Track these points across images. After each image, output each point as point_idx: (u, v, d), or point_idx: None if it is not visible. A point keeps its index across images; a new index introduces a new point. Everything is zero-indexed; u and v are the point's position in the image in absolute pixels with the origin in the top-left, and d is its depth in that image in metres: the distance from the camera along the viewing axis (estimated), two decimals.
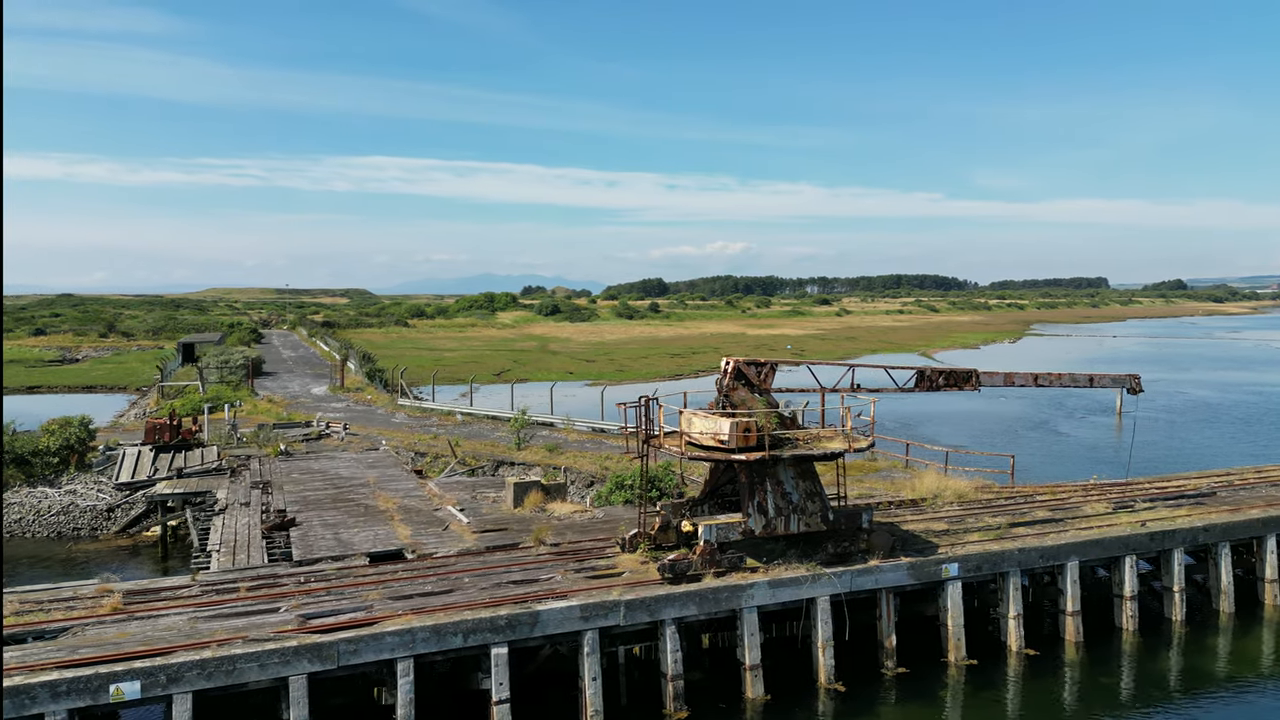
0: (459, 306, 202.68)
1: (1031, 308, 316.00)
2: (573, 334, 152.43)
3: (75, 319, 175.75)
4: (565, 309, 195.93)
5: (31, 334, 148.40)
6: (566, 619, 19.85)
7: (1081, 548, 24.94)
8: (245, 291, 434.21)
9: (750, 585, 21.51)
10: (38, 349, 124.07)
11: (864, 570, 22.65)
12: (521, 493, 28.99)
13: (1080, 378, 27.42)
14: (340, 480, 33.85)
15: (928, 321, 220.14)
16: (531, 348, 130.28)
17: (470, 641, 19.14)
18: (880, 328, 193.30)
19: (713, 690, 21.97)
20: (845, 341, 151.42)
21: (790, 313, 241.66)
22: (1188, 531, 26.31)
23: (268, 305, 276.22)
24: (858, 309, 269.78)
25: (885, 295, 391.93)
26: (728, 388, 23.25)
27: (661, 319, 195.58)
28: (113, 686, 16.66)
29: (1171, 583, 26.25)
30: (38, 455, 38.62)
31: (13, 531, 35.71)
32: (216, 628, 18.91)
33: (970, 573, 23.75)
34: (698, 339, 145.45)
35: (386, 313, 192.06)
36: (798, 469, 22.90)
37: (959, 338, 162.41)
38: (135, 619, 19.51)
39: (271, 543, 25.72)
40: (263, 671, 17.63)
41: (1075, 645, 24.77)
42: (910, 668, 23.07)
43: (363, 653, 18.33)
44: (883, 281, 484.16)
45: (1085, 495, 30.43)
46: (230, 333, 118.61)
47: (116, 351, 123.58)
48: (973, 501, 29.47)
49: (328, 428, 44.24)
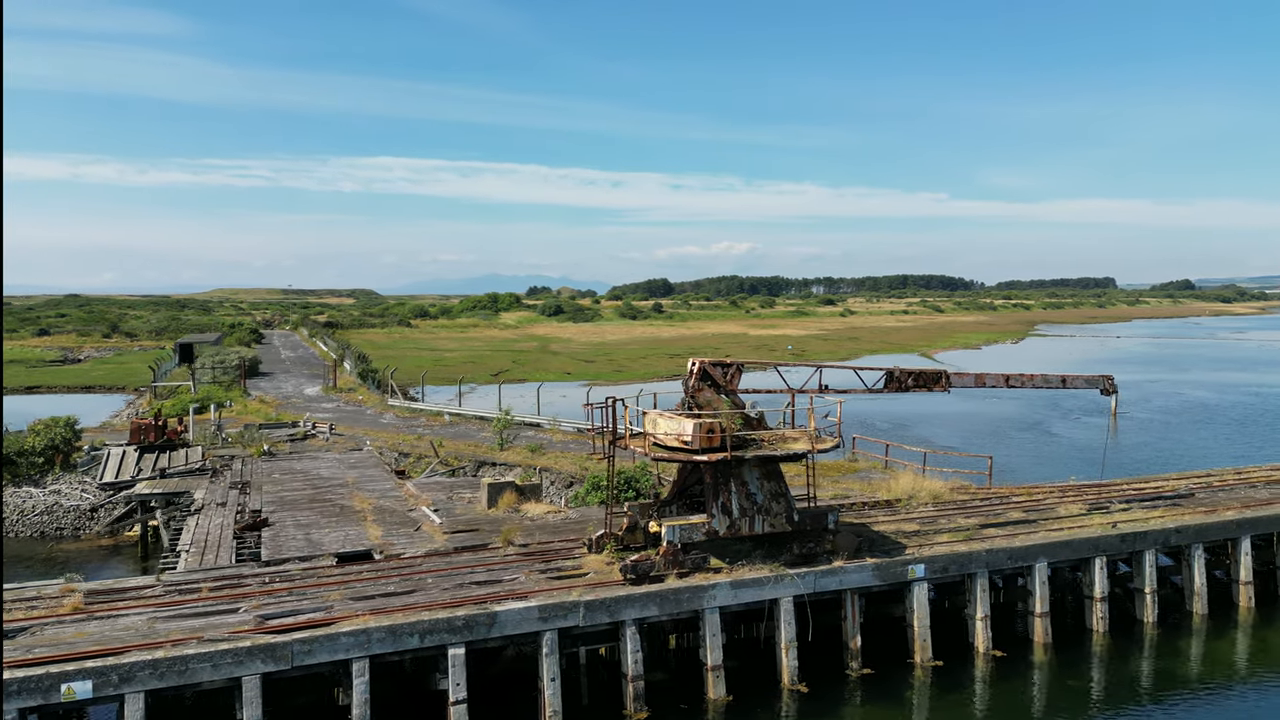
0: (463, 307, 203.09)
1: (1037, 308, 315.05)
2: (574, 334, 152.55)
3: (80, 319, 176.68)
4: (569, 309, 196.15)
5: (35, 334, 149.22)
6: (524, 620, 19.87)
7: (1050, 549, 24.86)
8: (252, 292, 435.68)
9: (712, 586, 21.50)
10: (39, 349, 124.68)
11: (828, 571, 22.62)
12: (495, 493, 29.02)
13: (1052, 378, 27.34)
14: (320, 481, 33.95)
15: (932, 322, 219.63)
16: (532, 348, 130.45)
17: (427, 642, 19.17)
18: (884, 328, 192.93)
19: (675, 691, 21.96)
20: (847, 342, 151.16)
21: (794, 313, 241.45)
22: (1159, 533, 26.19)
23: (273, 306, 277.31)
24: (862, 309, 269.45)
25: (891, 296, 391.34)
26: (693, 389, 23.25)
27: (664, 319, 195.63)
28: (64, 686, 16.74)
29: (1143, 584, 26.15)
30: (23, 455, 38.81)
31: None
32: (174, 628, 18.98)
33: (937, 574, 23.69)
34: (699, 339, 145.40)
35: (390, 313, 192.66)
36: (763, 470, 22.88)
37: (961, 338, 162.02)
38: (95, 619, 19.60)
39: (242, 543, 25.80)
40: (216, 671, 17.69)
41: (1044, 647, 24.69)
42: (875, 669, 23.03)
43: (317, 653, 18.38)
44: (888, 282, 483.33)
45: (1061, 496, 30.34)
46: (230, 333, 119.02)
47: (118, 352, 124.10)
48: (947, 502, 29.40)
49: (314, 428, 44.37)
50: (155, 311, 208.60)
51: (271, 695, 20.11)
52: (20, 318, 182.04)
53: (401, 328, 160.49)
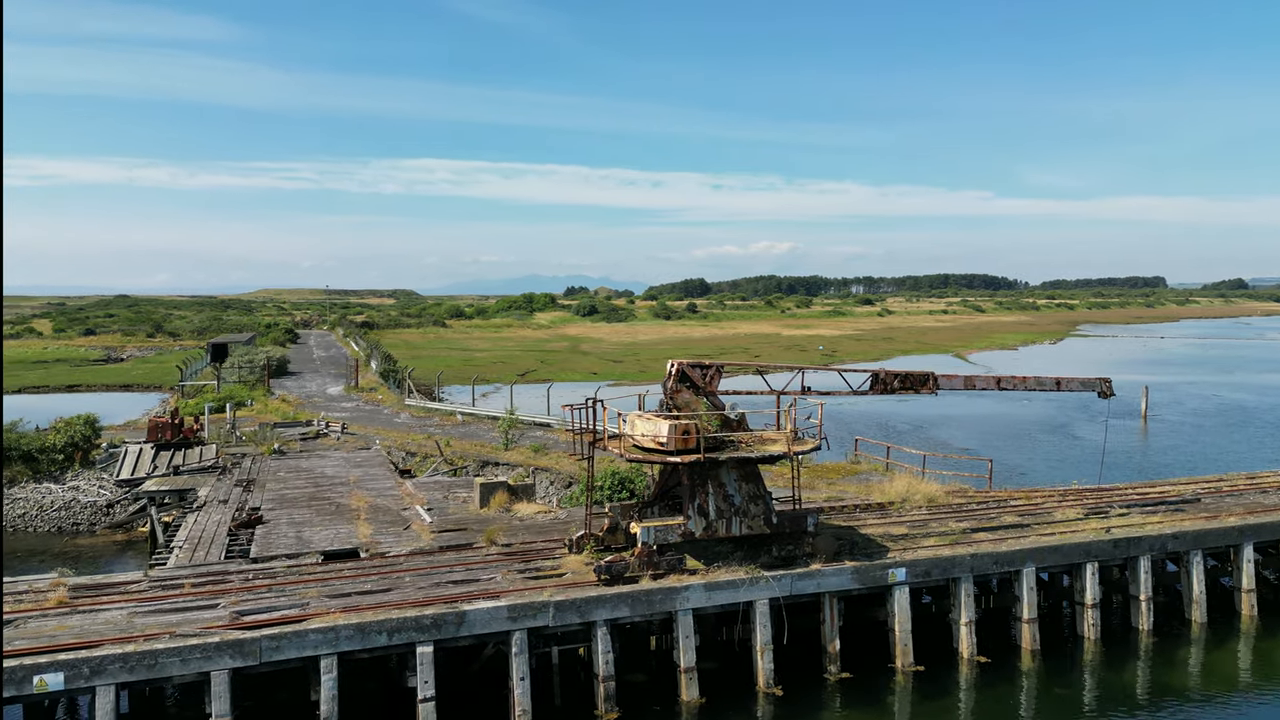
0: (498, 307, 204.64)
1: (1082, 308, 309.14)
2: (606, 334, 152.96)
3: (127, 319, 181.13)
4: (603, 309, 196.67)
5: (82, 334, 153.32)
6: (493, 619, 20.03)
7: (1039, 554, 24.45)
8: (295, 292, 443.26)
9: (685, 588, 21.49)
10: (84, 348, 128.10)
11: (805, 574, 22.47)
12: (488, 493, 29.27)
13: (1046, 381, 26.88)
14: (323, 479, 34.49)
15: (970, 322, 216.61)
16: (563, 348, 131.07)
17: (395, 640, 19.41)
18: (920, 328, 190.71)
19: (649, 692, 21.99)
20: (881, 342, 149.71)
21: (831, 313, 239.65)
22: (1155, 539, 25.63)
23: (315, 306, 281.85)
24: (901, 309, 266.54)
25: (931, 295, 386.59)
26: (671, 390, 23.24)
27: (698, 319, 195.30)
28: (36, 678, 17.22)
29: (1138, 591, 25.61)
30: (44, 452, 39.98)
31: (16, 526, 37.01)
32: (151, 623, 19.42)
33: (919, 578, 23.42)
34: (730, 339, 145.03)
35: (426, 314, 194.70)
36: (741, 471, 22.81)
37: (998, 339, 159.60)
38: (78, 612, 20.13)
39: (235, 540, 26.30)
40: (185, 666, 18.08)
41: (1031, 653, 24.29)
42: (855, 673, 22.83)
43: (285, 649, 18.70)
44: (929, 281, 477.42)
45: (1060, 501, 29.81)
46: (266, 333, 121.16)
47: (159, 351, 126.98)
48: (941, 506, 29.04)
49: (327, 427, 45.07)
50: (199, 312, 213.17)
51: (250, 690, 20.63)
52: (71, 318, 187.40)
53: (436, 328, 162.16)
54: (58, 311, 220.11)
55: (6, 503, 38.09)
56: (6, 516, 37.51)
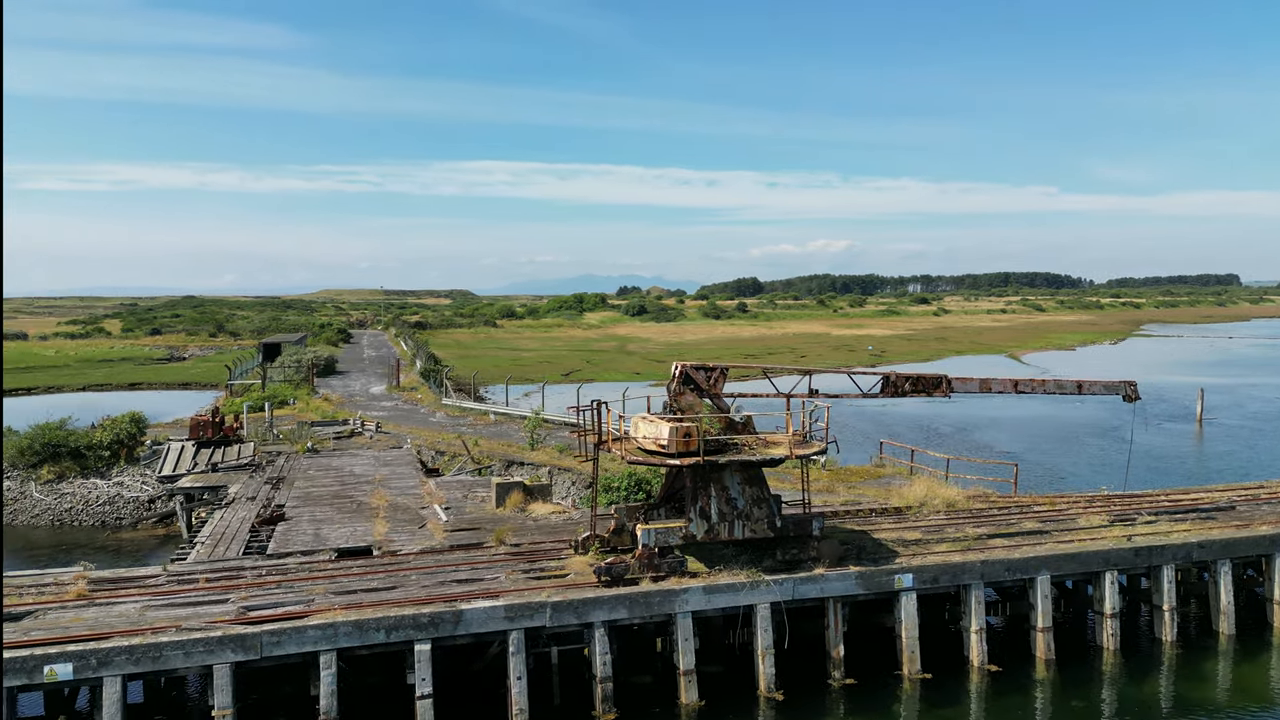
0: (549, 307, 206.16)
1: (1148, 307, 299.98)
2: (654, 334, 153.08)
3: (191, 319, 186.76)
4: (652, 309, 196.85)
5: (149, 333, 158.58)
6: (490, 618, 20.24)
7: (1054, 561, 23.87)
8: (355, 293, 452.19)
9: (684, 590, 21.46)
10: (148, 348, 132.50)
11: (808, 578, 22.27)
12: (503, 493, 29.57)
13: (1067, 384, 26.21)
14: (349, 477, 35.18)
15: (1029, 322, 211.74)
16: (610, 348, 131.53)
17: (393, 637, 19.74)
18: (975, 328, 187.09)
19: (650, 694, 22.01)
20: (933, 342, 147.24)
21: (885, 312, 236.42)
22: (1180, 548, 24.83)
23: (373, 306, 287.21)
24: (957, 308, 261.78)
25: (991, 294, 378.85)
26: (675, 392, 23.24)
27: (748, 319, 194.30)
28: (47, 668, 17.92)
29: (1162, 601, 24.83)
30: (91, 449, 41.44)
31: (63, 520, 38.45)
32: (161, 616, 20.06)
33: (926, 584, 23.04)
34: (778, 339, 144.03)
35: (479, 314, 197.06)
36: (744, 474, 22.70)
37: (1055, 339, 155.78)
38: (95, 605, 20.87)
39: (255, 536, 26.99)
40: (188, 659, 18.63)
41: (1046, 663, 23.72)
42: (859, 679, 22.55)
43: (285, 644, 19.15)
44: (989, 279, 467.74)
45: (1086, 507, 29.04)
46: (320, 333, 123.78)
47: (219, 351, 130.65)
48: (960, 511, 28.51)
49: (361, 426, 45.94)
50: (260, 312, 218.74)
51: (256, 684, 21.19)
52: (140, 318, 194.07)
53: (487, 328, 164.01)
54: (128, 312, 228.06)
55: (54, 497, 39.60)
56: (55, 510, 39.01)
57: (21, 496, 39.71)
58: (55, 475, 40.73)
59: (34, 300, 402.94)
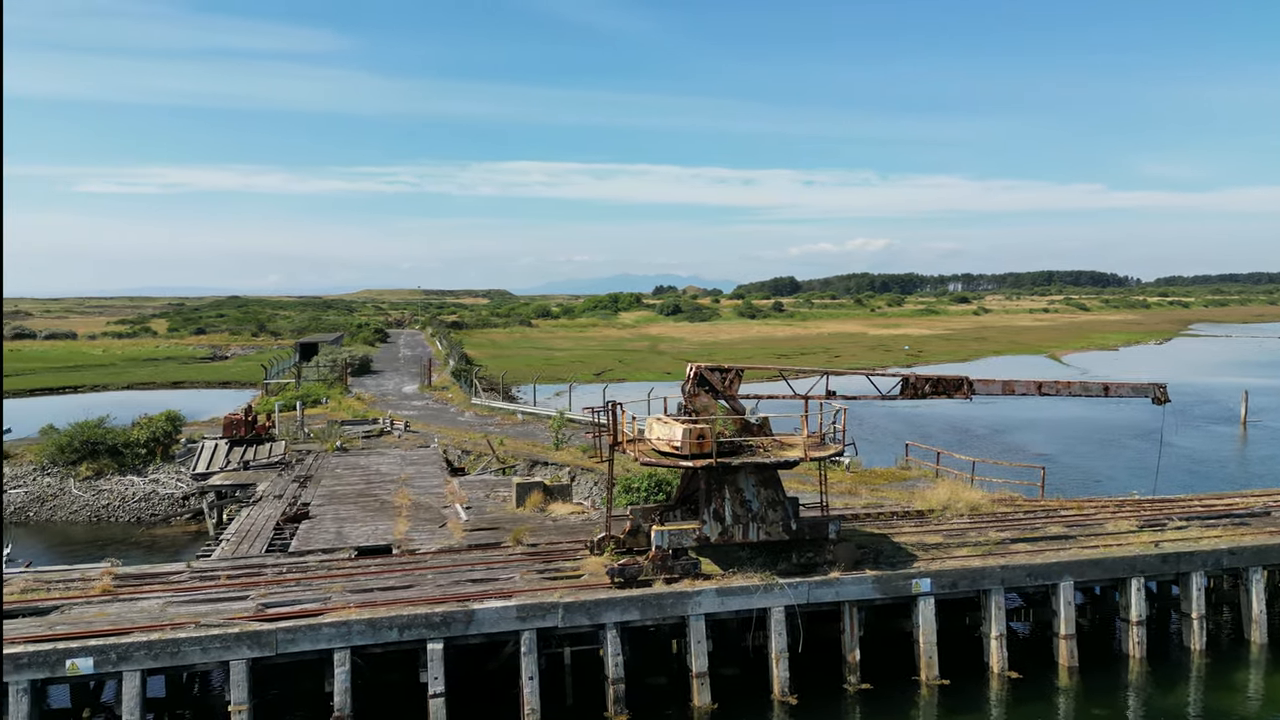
0: (584, 307, 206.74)
1: (1197, 305, 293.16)
2: (688, 334, 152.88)
3: (235, 319, 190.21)
4: (687, 309, 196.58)
5: (193, 333, 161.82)
6: (502, 618, 20.35)
7: (1077, 567, 23.42)
8: (395, 293, 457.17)
9: (697, 592, 21.40)
10: (192, 347, 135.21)
11: (823, 582, 22.09)
12: (524, 493, 29.71)
13: (1093, 386, 25.67)
14: (375, 476, 35.57)
15: (1071, 321, 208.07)
16: (642, 348, 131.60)
17: (406, 636, 19.93)
18: (1016, 328, 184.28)
19: (663, 695, 21.98)
20: (971, 342, 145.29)
21: (923, 312, 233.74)
22: (1210, 554, 24.23)
23: (412, 306, 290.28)
24: (998, 308, 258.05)
25: (1034, 293, 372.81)
26: (689, 393, 23.15)
27: (783, 319, 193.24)
28: (69, 661, 18.35)
29: (1190, 609, 24.25)
30: (129, 447, 42.36)
31: (101, 516, 39.36)
32: (182, 612, 20.44)
33: (945, 589, 22.73)
34: (813, 339, 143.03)
35: (515, 313, 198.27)
36: (759, 476, 22.57)
37: (1098, 339, 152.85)
38: (119, 600, 21.33)
39: (279, 534, 27.40)
40: (205, 655, 18.97)
41: (1069, 670, 23.27)
42: (875, 684, 22.32)
43: (300, 641, 19.41)
44: (1032, 278, 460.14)
45: (1115, 511, 28.45)
46: (358, 333, 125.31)
47: (259, 350, 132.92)
48: (984, 515, 28.09)
49: (391, 425, 46.44)
50: (302, 312, 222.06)
51: (276, 680, 21.53)
52: (186, 318, 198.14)
53: (522, 327, 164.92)
54: (175, 311, 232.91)
55: (92, 493, 40.54)
56: (93, 506, 39.95)
57: (61, 493, 40.72)
58: (94, 472, 41.69)
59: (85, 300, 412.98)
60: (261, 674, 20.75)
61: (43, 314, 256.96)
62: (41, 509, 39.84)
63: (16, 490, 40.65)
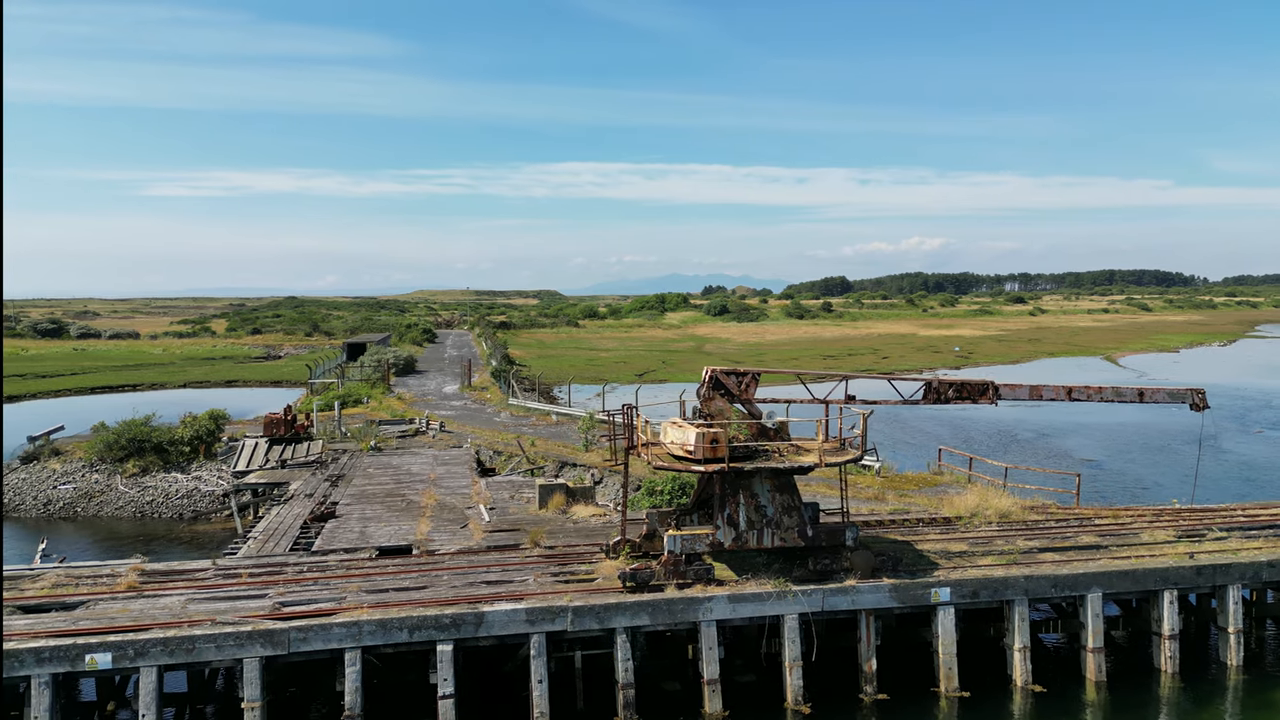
0: (631, 307, 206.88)
1: (1267, 306, 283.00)
2: (734, 334, 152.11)
3: (290, 319, 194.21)
4: (734, 309, 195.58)
5: (249, 333, 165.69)
6: (511, 621, 20.37)
7: (1106, 578, 22.68)
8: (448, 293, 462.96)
9: (709, 599, 21.19)
10: (247, 347, 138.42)
11: (838, 590, 21.71)
12: (546, 495, 29.76)
13: (1127, 392, 24.84)
14: (405, 476, 35.95)
15: (1132, 322, 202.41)
16: (687, 348, 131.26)
17: (416, 637, 20.06)
18: (1073, 329, 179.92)
19: (675, 702, 21.80)
20: (1025, 344, 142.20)
21: (977, 312, 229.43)
22: (1248, 566, 23.30)
23: (463, 306, 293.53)
24: (1055, 308, 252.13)
25: (1094, 293, 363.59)
26: (705, 397, 22.94)
27: (832, 319, 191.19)
28: (88, 656, 18.81)
29: (1227, 623, 23.34)
30: (174, 445, 43.44)
31: (145, 512, 40.41)
32: (202, 609, 20.85)
33: (965, 599, 22.18)
34: (861, 340, 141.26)
35: (562, 314, 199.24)
36: (775, 482, 22.27)
37: (1159, 340, 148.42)
38: (143, 597, 21.83)
39: (305, 533, 27.81)
40: (220, 652, 19.31)
41: (1096, 685, 22.56)
42: (892, 695, 21.89)
43: (311, 641, 19.65)
44: (1092, 278, 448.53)
45: (1153, 521, 27.51)
46: (407, 333, 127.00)
47: (312, 349, 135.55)
48: (1014, 522, 27.37)
49: (426, 425, 46.92)
50: (355, 312, 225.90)
51: (294, 678, 21.87)
52: (244, 318, 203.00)
53: (569, 328, 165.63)
54: (235, 312, 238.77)
55: (137, 490, 41.64)
56: (138, 502, 41.03)
57: (108, 489, 41.90)
58: (140, 469, 42.82)
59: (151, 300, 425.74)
60: (281, 671, 21.14)
61: (110, 314, 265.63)
62: (89, 505, 41.01)
63: (66, 486, 41.94)
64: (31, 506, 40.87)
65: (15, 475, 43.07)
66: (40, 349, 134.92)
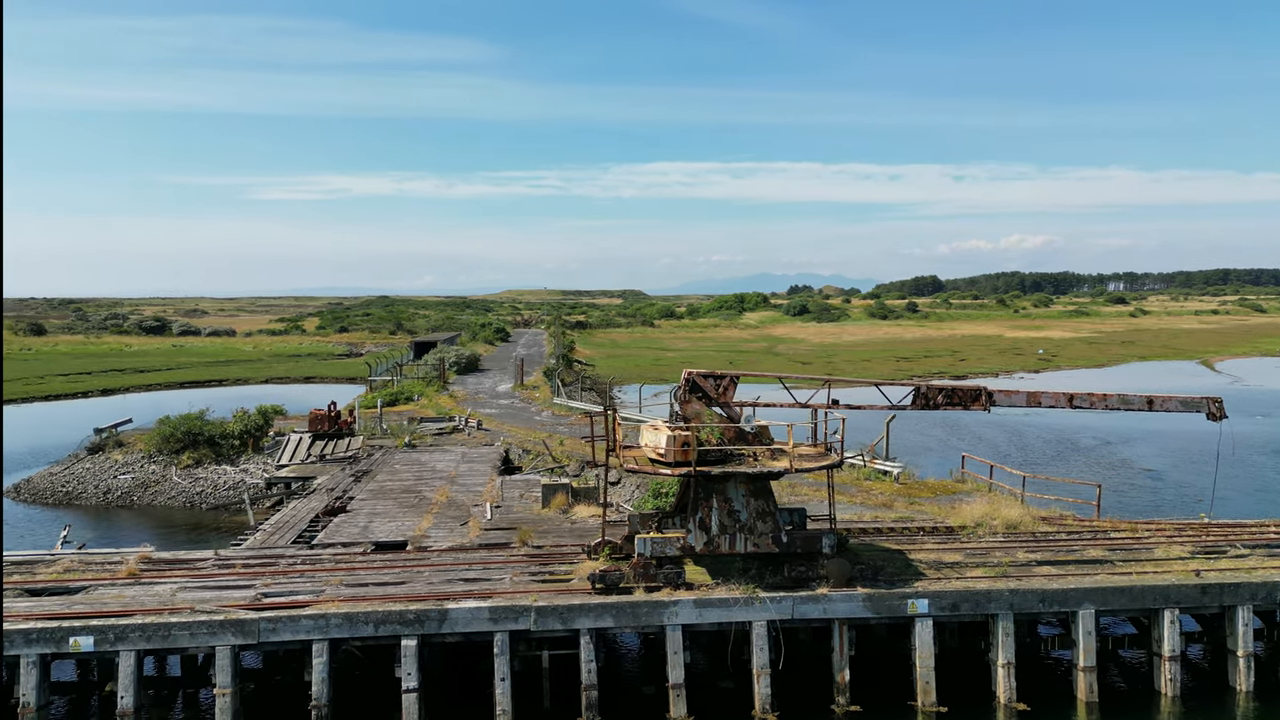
0: (710, 307, 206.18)
1: None
2: (811, 335, 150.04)
3: (378, 318, 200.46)
4: (814, 309, 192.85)
5: (337, 331, 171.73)
6: (475, 619, 20.64)
7: (1100, 594, 21.59)
8: (535, 293, 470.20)
9: (674, 602, 21.04)
10: (332, 344, 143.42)
11: (810, 598, 21.27)
12: (549, 494, 30.00)
13: (1134, 400, 23.59)
14: (428, 473, 36.73)
15: (1242, 324, 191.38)
16: (758, 349, 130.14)
17: (381, 631, 20.51)
18: (1174, 330, 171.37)
19: (642, 705, 21.72)
20: (1116, 346, 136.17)
21: (1072, 313, 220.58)
22: (1259, 586, 21.86)
23: (547, 305, 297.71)
24: (1160, 309, 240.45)
25: (1206, 293, 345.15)
26: (681, 400, 22.80)
27: (916, 320, 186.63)
28: (72, 639, 19.88)
29: (1235, 645, 21.94)
30: (225, 438, 45.42)
31: (193, 501, 42.35)
32: (189, 597, 21.77)
33: (945, 611, 21.44)
34: (943, 341, 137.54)
35: (640, 314, 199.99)
36: (749, 487, 21.97)
37: (1265, 344, 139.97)
38: (139, 584, 22.92)
39: (312, 526, 28.72)
40: (193, 639, 20.14)
41: (1087, 705, 21.49)
42: (866, 707, 21.31)
43: (280, 632, 20.31)
44: (1204, 277, 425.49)
45: (1171, 536, 26.04)
46: (480, 331, 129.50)
47: (391, 347, 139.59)
48: (1020, 533, 26.30)
49: (464, 423, 47.81)
50: (440, 311, 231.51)
51: (277, 668, 22.65)
52: (335, 316, 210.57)
53: (644, 328, 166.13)
54: (328, 311, 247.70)
55: (189, 481, 43.69)
56: (188, 493, 43.03)
57: (163, 479, 44.09)
58: (193, 461, 44.92)
59: (256, 300, 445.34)
60: (269, 660, 21.94)
61: (217, 312, 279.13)
62: (145, 494, 43.21)
63: (125, 476, 44.31)
64: (92, 494, 43.30)
65: (80, 465, 45.73)
66: (142, 345, 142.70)
